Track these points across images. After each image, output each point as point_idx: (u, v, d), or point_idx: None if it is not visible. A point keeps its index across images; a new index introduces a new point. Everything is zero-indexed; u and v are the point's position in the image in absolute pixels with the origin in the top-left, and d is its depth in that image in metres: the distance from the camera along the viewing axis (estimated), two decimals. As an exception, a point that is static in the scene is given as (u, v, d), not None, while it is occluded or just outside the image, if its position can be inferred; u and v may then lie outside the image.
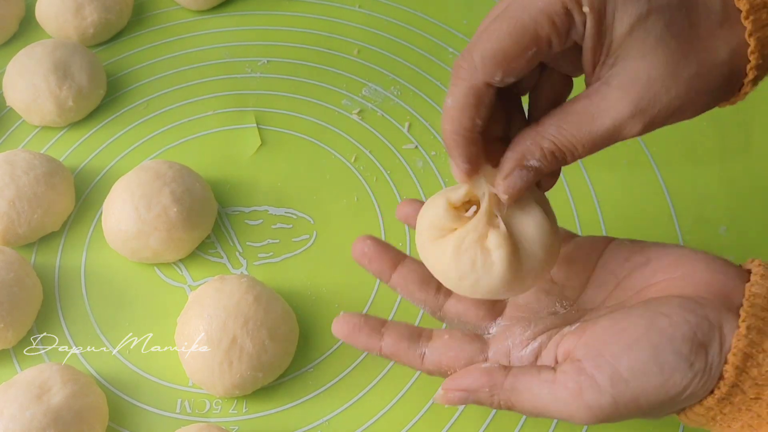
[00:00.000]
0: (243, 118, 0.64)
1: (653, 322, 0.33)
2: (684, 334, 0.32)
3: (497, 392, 0.35)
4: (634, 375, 0.32)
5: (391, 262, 0.42)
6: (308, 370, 0.52)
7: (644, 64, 0.32)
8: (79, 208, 0.59)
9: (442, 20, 0.70)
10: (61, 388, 0.47)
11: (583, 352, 0.33)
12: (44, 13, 0.68)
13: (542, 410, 0.34)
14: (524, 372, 0.35)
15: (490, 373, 0.35)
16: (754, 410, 0.32)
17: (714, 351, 0.32)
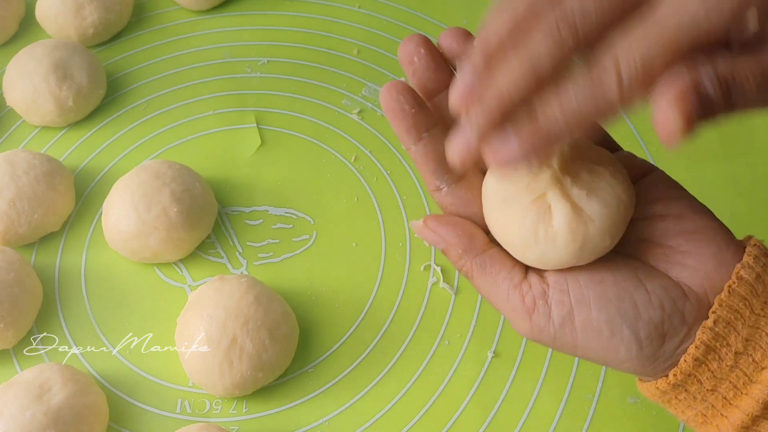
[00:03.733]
0: (243, 118, 0.64)
1: (633, 290, 0.32)
2: (651, 318, 0.32)
3: (467, 258, 0.34)
4: (584, 328, 0.32)
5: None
6: (308, 370, 0.52)
7: None
8: (79, 208, 0.59)
9: (442, 20, 0.70)
10: (61, 388, 0.47)
11: (555, 280, 0.33)
12: (44, 13, 0.68)
13: (492, 300, 0.34)
14: (501, 258, 0.34)
15: (471, 236, 0.34)
16: (709, 401, 0.33)
17: (672, 344, 0.32)
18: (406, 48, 0.35)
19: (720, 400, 0.32)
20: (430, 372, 0.51)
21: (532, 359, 0.51)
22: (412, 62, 0.35)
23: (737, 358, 0.32)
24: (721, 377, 0.32)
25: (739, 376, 0.32)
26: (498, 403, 0.50)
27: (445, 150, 0.31)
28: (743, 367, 0.32)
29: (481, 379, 0.51)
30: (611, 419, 0.49)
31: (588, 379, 0.50)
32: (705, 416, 0.33)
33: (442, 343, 0.52)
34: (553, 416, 0.49)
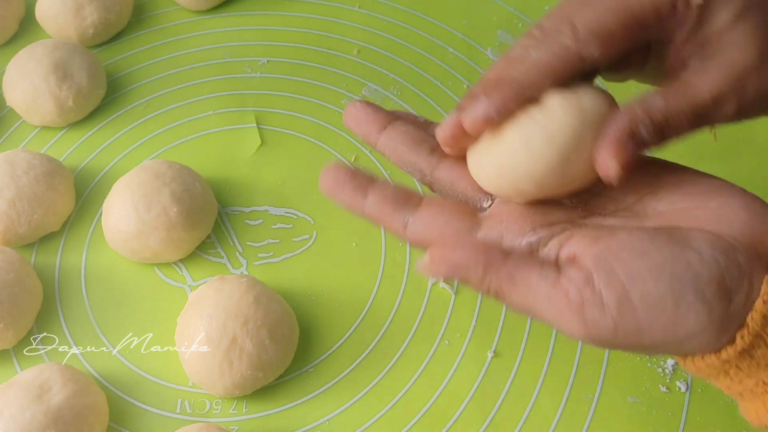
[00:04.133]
0: (243, 118, 0.64)
1: (681, 253, 0.30)
2: (711, 274, 0.29)
3: (491, 274, 0.31)
4: (645, 304, 0.29)
5: (380, 123, 0.38)
6: (308, 370, 0.52)
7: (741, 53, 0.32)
8: (79, 208, 0.59)
9: (442, 20, 0.70)
10: (61, 388, 0.47)
11: (595, 263, 0.30)
12: (44, 13, 0.68)
13: (533, 310, 0.31)
14: (525, 261, 0.31)
15: (487, 251, 0.31)
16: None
17: (739, 300, 0.30)
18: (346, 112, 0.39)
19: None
20: (430, 372, 0.51)
21: (532, 359, 0.51)
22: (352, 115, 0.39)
23: None
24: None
25: None
26: (498, 403, 0.50)
27: (436, 133, 0.34)
28: None
29: (481, 379, 0.51)
30: (611, 419, 0.49)
31: (588, 379, 0.50)
32: (766, 384, 0.31)
33: (442, 343, 0.52)
34: (553, 416, 0.49)
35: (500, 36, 0.69)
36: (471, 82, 0.66)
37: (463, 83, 0.66)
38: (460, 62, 0.67)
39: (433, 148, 0.37)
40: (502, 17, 0.70)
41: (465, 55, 0.67)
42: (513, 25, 0.69)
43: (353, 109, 0.38)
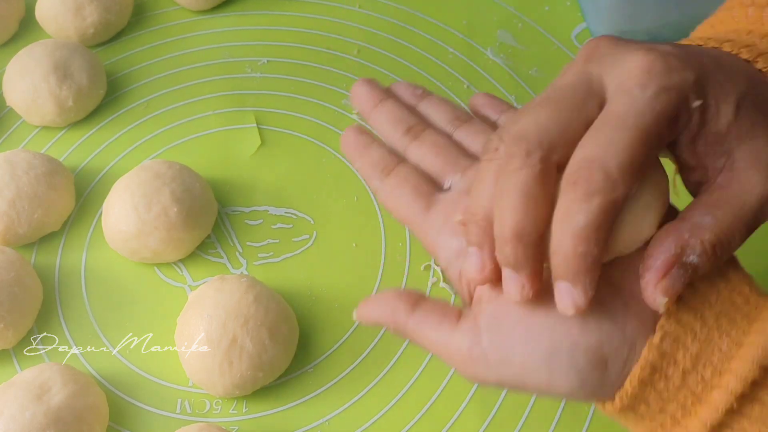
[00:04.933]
0: (243, 118, 0.64)
1: (565, 318, 0.31)
2: (589, 344, 0.30)
3: (400, 330, 0.35)
4: (523, 369, 0.32)
5: (373, 101, 0.42)
6: (308, 370, 0.52)
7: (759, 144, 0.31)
8: (79, 208, 0.59)
9: (442, 20, 0.70)
10: (61, 388, 0.47)
11: (487, 321, 0.32)
12: (44, 13, 0.68)
13: (439, 356, 0.34)
14: (427, 316, 0.34)
15: (394, 311, 0.35)
16: (657, 420, 0.31)
17: (616, 367, 0.31)
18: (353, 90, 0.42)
19: (669, 419, 0.31)
20: (430, 372, 0.51)
21: (532, 359, 0.51)
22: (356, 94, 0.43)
23: (685, 377, 0.30)
24: (668, 398, 0.30)
25: (687, 396, 0.30)
26: (498, 403, 0.50)
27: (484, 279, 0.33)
28: (692, 386, 0.30)
29: (481, 379, 0.51)
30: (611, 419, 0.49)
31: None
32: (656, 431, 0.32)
33: (442, 343, 0.52)
34: (553, 416, 0.49)
35: (500, 36, 0.69)
36: (471, 82, 0.66)
37: (463, 83, 0.66)
38: (460, 62, 0.67)
39: (408, 127, 0.40)
40: (502, 17, 0.70)
41: (465, 55, 0.67)
42: (513, 25, 0.69)
43: (356, 88, 0.42)
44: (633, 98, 0.30)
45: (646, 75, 0.30)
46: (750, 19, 0.38)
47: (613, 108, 0.30)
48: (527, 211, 0.30)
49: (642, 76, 0.30)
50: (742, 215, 0.31)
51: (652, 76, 0.30)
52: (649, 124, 0.30)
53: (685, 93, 0.30)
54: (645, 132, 0.29)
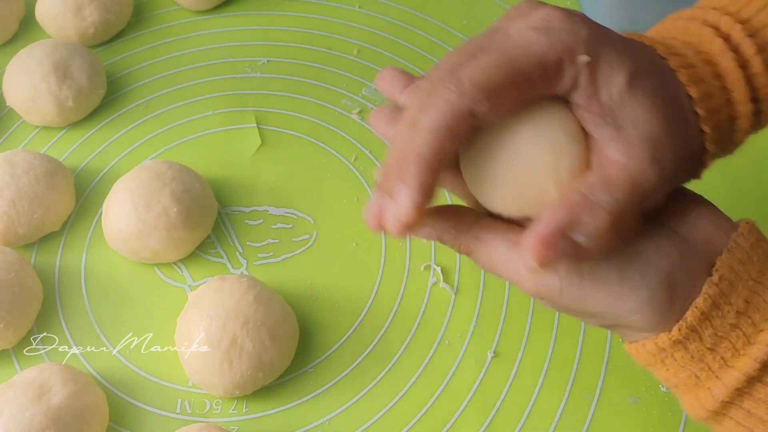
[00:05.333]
0: (243, 118, 0.64)
1: (641, 239, 0.32)
2: (662, 267, 0.32)
3: (461, 236, 0.34)
4: (592, 276, 0.32)
5: (404, 84, 0.40)
6: (308, 370, 0.52)
7: (651, 120, 0.32)
8: (79, 208, 0.59)
9: (442, 20, 0.70)
10: (61, 388, 0.47)
11: None
12: (44, 13, 0.68)
13: (495, 268, 0.34)
14: (492, 225, 0.34)
15: (459, 216, 0.35)
16: (705, 361, 0.32)
17: (681, 294, 0.32)
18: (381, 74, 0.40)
19: (717, 360, 0.32)
20: (430, 372, 0.51)
21: (532, 359, 0.51)
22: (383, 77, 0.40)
23: (738, 318, 0.32)
24: (722, 335, 0.32)
25: (739, 336, 0.32)
26: (498, 403, 0.50)
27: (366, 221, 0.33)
28: (743, 327, 0.32)
29: (481, 379, 0.51)
30: (611, 419, 0.49)
31: (588, 379, 0.50)
32: (698, 378, 0.33)
33: (442, 343, 0.52)
34: (553, 416, 0.49)
35: (500, 36, 0.68)
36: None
37: (463, 83, 0.65)
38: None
39: None
40: (502, 17, 0.70)
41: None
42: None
43: (384, 72, 0.40)
44: (518, 34, 0.32)
45: (542, 20, 0.32)
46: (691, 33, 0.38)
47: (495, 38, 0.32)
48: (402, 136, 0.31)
49: (537, 20, 0.32)
50: (637, 198, 0.31)
51: (545, 21, 0.32)
52: (518, 54, 0.31)
53: (572, 45, 0.31)
54: (510, 59, 0.31)
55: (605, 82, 0.32)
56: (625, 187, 0.31)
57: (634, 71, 0.32)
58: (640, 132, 0.32)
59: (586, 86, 0.32)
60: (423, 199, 0.31)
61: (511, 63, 0.31)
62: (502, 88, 0.31)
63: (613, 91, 0.32)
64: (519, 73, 0.31)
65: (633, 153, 0.31)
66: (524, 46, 0.31)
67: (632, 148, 0.31)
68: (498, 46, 0.32)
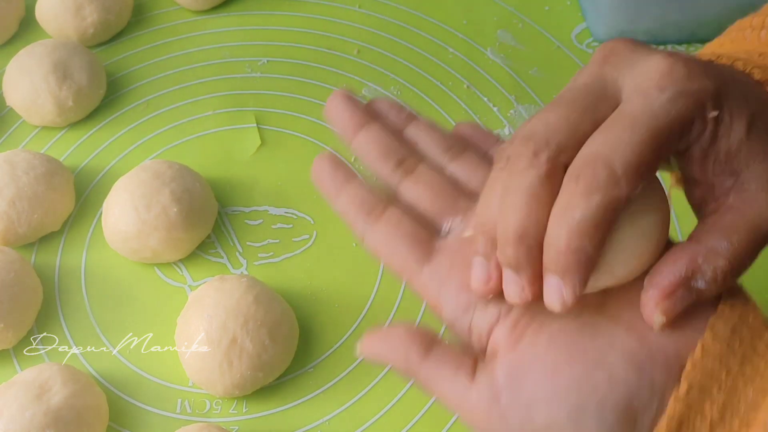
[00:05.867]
0: (243, 118, 0.64)
1: (590, 372, 0.29)
2: (617, 399, 0.29)
3: (410, 374, 0.33)
4: (548, 428, 0.30)
5: (357, 123, 0.38)
6: (308, 370, 0.52)
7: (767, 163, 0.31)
8: (79, 208, 0.59)
9: (442, 20, 0.70)
10: (61, 388, 0.47)
11: (506, 375, 0.31)
12: (44, 13, 0.68)
13: (453, 410, 0.33)
14: (441, 364, 0.32)
15: (407, 352, 0.33)
16: None
17: (645, 420, 0.29)
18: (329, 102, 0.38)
19: None
20: (430, 372, 0.51)
21: (532, 359, 0.51)
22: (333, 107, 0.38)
23: (713, 430, 0.28)
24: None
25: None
26: (498, 403, 0.50)
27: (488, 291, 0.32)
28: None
29: (481, 379, 0.51)
30: None
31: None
32: None
33: (442, 343, 0.52)
34: (553, 416, 0.49)
35: (500, 36, 0.69)
36: (471, 82, 0.66)
37: (463, 83, 0.66)
38: (460, 62, 0.67)
39: (399, 160, 0.37)
40: (502, 17, 0.70)
41: (465, 55, 0.67)
42: (513, 25, 0.69)
43: (332, 104, 0.38)
44: (649, 99, 0.29)
45: (666, 77, 0.30)
46: (762, 41, 0.37)
47: (627, 107, 0.30)
48: (530, 211, 0.29)
49: (661, 79, 0.30)
50: (756, 242, 0.30)
51: (672, 80, 0.30)
52: (661, 127, 0.29)
53: (702, 101, 0.30)
54: (656, 134, 0.29)
55: (725, 132, 0.30)
56: (743, 233, 0.30)
57: (751, 116, 0.31)
58: (758, 176, 0.30)
59: (708, 136, 0.30)
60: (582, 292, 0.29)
61: (657, 138, 0.29)
62: (652, 166, 0.29)
63: (733, 140, 0.30)
64: (665, 146, 0.29)
65: (751, 198, 0.30)
66: (663, 115, 0.29)
67: (750, 194, 0.30)
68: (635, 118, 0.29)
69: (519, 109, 0.64)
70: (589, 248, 0.28)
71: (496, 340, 0.32)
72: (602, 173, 0.28)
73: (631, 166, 0.28)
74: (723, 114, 0.30)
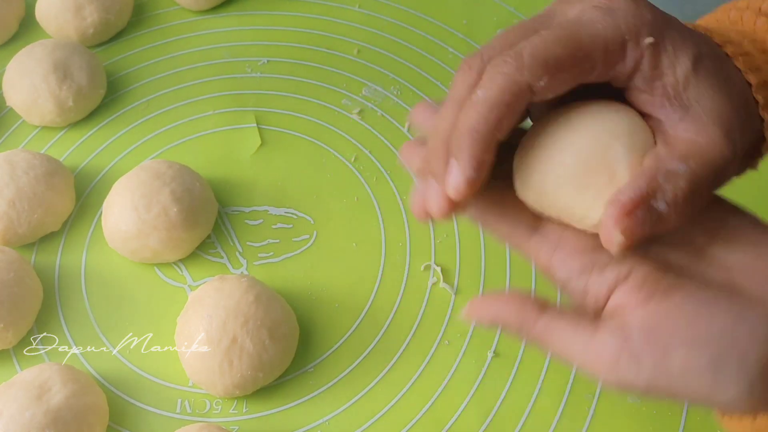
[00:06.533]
0: (243, 118, 0.64)
1: (732, 326, 0.29)
2: (760, 354, 0.29)
3: (526, 329, 0.32)
4: (683, 374, 0.29)
5: None
6: (308, 370, 0.52)
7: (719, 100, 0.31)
8: (79, 208, 0.59)
9: (442, 20, 0.70)
10: (61, 388, 0.47)
11: (640, 323, 0.30)
12: (44, 13, 0.68)
13: (570, 359, 0.32)
14: (560, 318, 0.32)
15: (522, 308, 0.32)
16: None
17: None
18: None
19: None
20: (430, 372, 0.51)
21: (532, 359, 0.51)
22: None
23: None
24: None
25: None
26: (498, 403, 0.50)
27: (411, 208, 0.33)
28: None
29: (481, 379, 0.51)
30: (611, 419, 0.49)
31: (588, 379, 0.50)
32: None
33: (442, 343, 0.52)
34: (553, 416, 0.49)
35: (500, 36, 0.69)
36: (471, 82, 0.66)
37: (463, 83, 0.65)
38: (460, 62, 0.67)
39: None
40: (502, 17, 0.70)
41: (465, 55, 0.67)
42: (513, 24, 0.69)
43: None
44: (581, 12, 0.31)
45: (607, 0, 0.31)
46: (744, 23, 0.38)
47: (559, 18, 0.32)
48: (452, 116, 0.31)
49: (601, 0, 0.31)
50: (712, 172, 0.30)
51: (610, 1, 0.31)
52: (581, 33, 0.30)
53: (637, 26, 0.31)
54: (575, 37, 0.30)
55: (670, 64, 0.31)
56: (699, 159, 0.30)
57: (698, 54, 0.31)
58: (708, 111, 0.31)
59: (649, 69, 0.31)
60: (477, 175, 0.30)
61: (573, 40, 0.30)
62: (563, 64, 0.30)
63: (679, 73, 0.31)
64: (581, 50, 0.30)
65: (703, 130, 0.30)
66: (587, 24, 0.30)
67: (702, 126, 0.30)
68: (559, 23, 0.31)
69: (519, 109, 0.64)
70: (484, 127, 0.30)
71: (620, 300, 0.31)
72: (509, 59, 0.30)
73: (538, 56, 0.30)
74: (665, 44, 0.31)
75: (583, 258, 0.33)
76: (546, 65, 0.30)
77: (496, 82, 0.30)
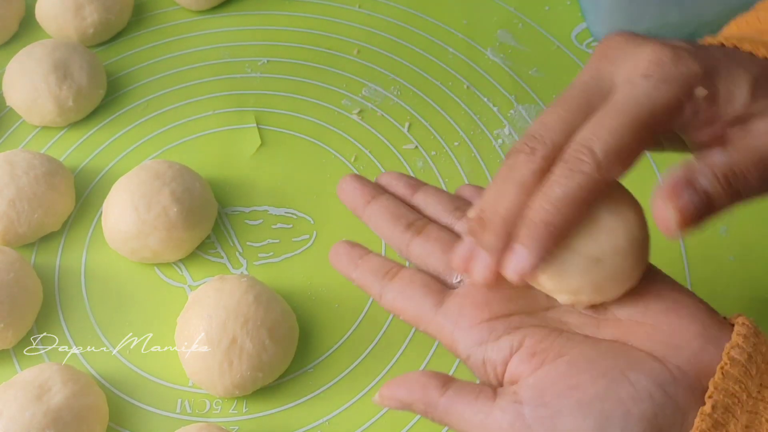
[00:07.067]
0: (243, 118, 0.64)
1: (615, 386, 0.30)
2: (643, 413, 0.29)
3: (431, 410, 0.33)
4: None
5: (366, 198, 0.41)
6: (308, 370, 0.52)
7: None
8: (79, 208, 0.59)
9: (442, 20, 0.70)
10: (61, 388, 0.47)
11: (529, 394, 0.31)
12: (44, 13, 0.68)
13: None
14: (460, 394, 0.33)
15: (425, 389, 0.33)
16: None
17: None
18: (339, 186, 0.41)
19: None
20: (430, 372, 0.51)
21: (532, 359, 0.51)
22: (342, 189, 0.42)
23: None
24: None
25: None
26: (498, 403, 0.50)
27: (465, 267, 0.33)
28: None
29: (481, 379, 0.51)
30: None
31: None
32: None
33: (442, 343, 0.52)
34: (553, 416, 0.49)
35: (500, 36, 0.69)
36: (471, 82, 0.66)
37: (463, 83, 0.66)
38: (460, 62, 0.67)
39: (408, 223, 0.39)
40: (502, 17, 0.70)
41: (465, 55, 0.67)
42: (513, 25, 0.69)
43: (343, 184, 0.41)
44: (634, 87, 0.31)
45: (653, 65, 0.31)
46: None
47: (615, 97, 0.32)
48: (517, 199, 0.31)
49: (648, 67, 0.31)
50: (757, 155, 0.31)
51: (657, 67, 0.31)
52: (643, 112, 0.31)
53: (689, 84, 0.31)
54: (638, 119, 0.31)
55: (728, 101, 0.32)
56: (742, 149, 0.31)
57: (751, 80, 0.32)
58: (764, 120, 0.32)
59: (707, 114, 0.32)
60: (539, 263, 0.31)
61: (638, 122, 0.31)
62: (633, 151, 0.31)
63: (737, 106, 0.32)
64: (646, 130, 0.31)
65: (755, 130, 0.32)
66: (644, 101, 0.31)
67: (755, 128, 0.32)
68: (619, 105, 0.31)
69: (519, 109, 0.64)
70: (559, 222, 0.30)
71: (515, 369, 0.32)
72: (584, 157, 0.30)
73: (611, 149, 0.30)
74: (717, 87, 0.32)
75: (481, 329, 0.34)
76: (619, 158, 0.31)
77: (575, 181, 0.30)
